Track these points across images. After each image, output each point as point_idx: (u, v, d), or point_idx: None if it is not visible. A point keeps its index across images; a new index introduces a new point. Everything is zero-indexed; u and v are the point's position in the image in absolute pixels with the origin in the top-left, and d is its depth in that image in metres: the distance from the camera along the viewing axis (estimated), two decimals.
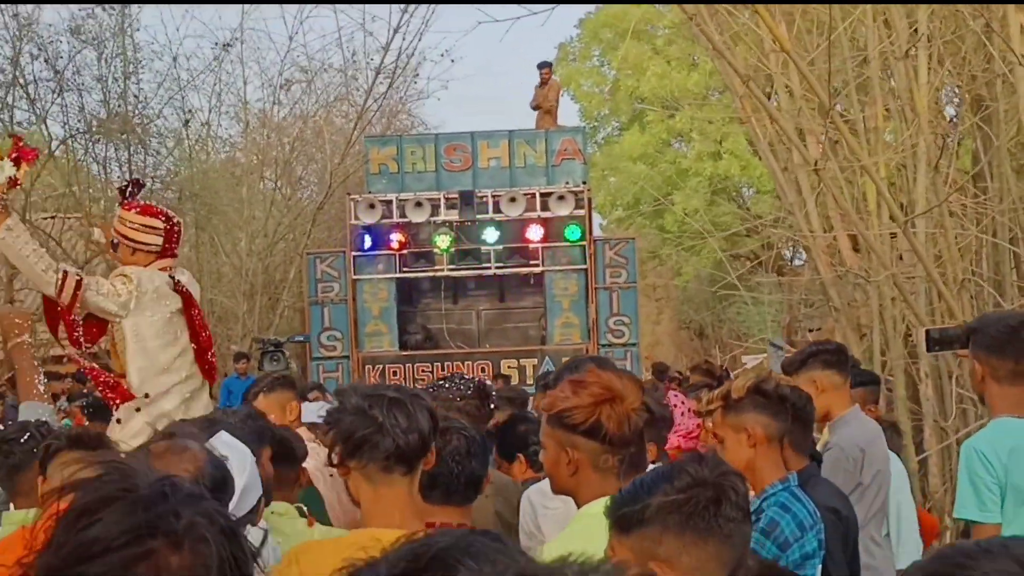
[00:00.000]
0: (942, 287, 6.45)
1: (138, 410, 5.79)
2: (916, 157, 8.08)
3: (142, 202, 6.18)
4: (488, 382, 6.11)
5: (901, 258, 8.71)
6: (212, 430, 3.66)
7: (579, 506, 3.17)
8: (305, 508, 4.33)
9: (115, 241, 6.06)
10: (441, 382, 5.14)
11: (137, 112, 18.94)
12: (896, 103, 8.47)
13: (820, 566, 3.90)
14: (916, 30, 8.08)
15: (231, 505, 2.98)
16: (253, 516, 3.34)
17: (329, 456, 3.03)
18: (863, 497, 5.17)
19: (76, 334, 5.76)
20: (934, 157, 7.80)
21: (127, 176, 19.10)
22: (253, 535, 3.26)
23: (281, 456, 4.20)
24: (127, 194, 6.13)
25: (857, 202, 9.06)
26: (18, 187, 5.69)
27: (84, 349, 5.84)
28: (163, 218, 6.01)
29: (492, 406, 5.14)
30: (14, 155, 5.55)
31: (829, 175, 7.79)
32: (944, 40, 8.31)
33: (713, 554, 2.35)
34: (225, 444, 3.26)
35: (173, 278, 5.94)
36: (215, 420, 3.96)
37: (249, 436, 3.78)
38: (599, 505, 3.05)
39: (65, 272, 5.64)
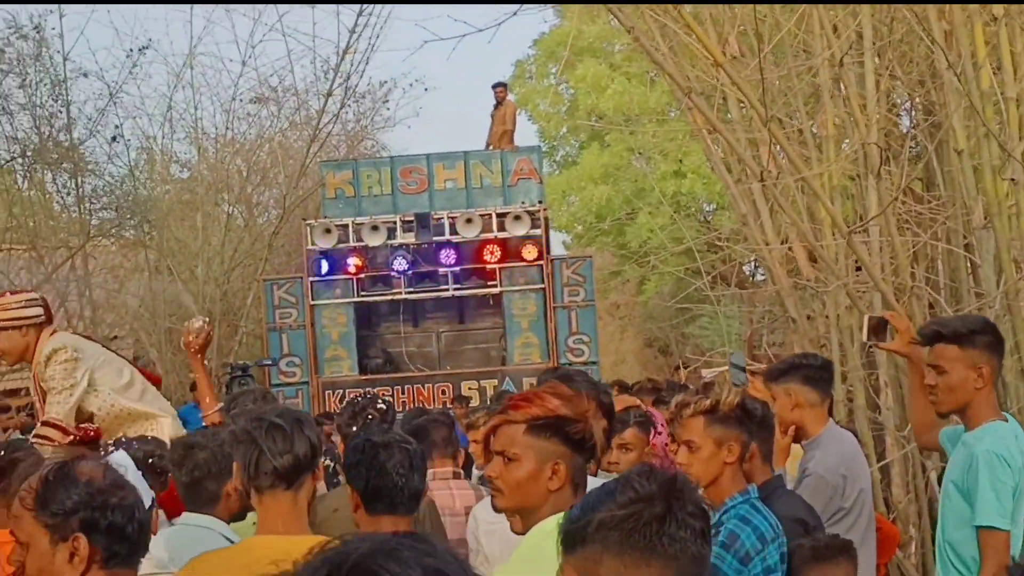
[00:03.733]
0: (889, 296, 6.35)
1: None
2: (868, 165, 7.99)
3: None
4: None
5: (858, 269, 8.62)
6: None
7: (529, 526, 3.03)
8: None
9: None
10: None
11: (68, 138, 18.52)
12: (846, 111, 8.37)
13: None
14: (861, 34, 8.01)
15: None
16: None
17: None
18: (845, 519, 5.05)
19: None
20: (876, 164, 7.71)
21: (73, 202, 18.76)
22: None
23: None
24: None
25: (812, 212, 8.97)
26: None
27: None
28: (33, 292, 6.62)
29: None
30: None
31: (780, 187, 7.70)
32: (891, 41, 8.26)
33: (656, 575, 2.18)
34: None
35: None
36: None
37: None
38: (552, 522, 2.91)
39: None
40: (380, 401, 5.48)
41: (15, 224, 18.01)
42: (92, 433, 6.11)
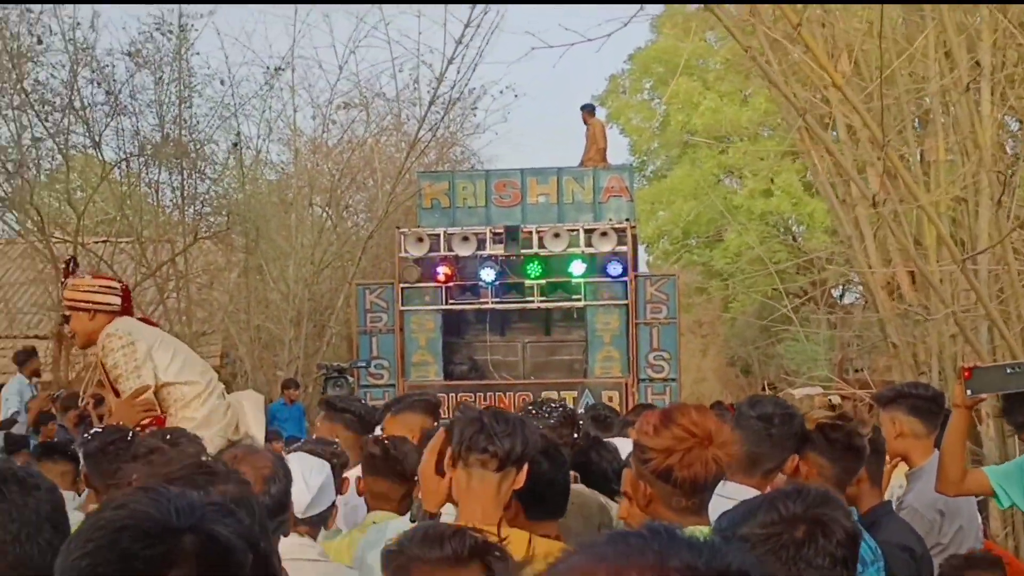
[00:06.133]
0: (1002, 326, 6.30)
1: None
2: (978, 192, 7.96)
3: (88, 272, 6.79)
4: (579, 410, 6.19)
5: (962, 296, 8.55)
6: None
7: None
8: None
9: (67, 314, 6.35)
10: (529, 407, 5.09)
11: (191, 137, 19.10)
12: (956, 137, 8.34)
13: None
14: (978, 62, 7.97)
15: (303, 505, 3.63)
16: (325, 519, 3.87)
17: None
18: (942, 555, 4.96)
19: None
20: (996, 192, 7.66)
21: (179, 200, 19.28)
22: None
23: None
24: (70, 269, 6.42)
25: (915, 237, 8.92)
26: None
27: None
28: (115, 281, 6.42)
29: (576, 435, 5.09)
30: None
31: (888, 210, 7.67)
32: (1006, 73, 8.19)
33: None
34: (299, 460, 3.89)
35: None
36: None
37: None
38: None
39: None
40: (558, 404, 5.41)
41: (123, 217, 18.52)
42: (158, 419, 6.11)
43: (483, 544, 2.60)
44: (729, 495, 3.16)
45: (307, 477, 3.74)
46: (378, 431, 6.29)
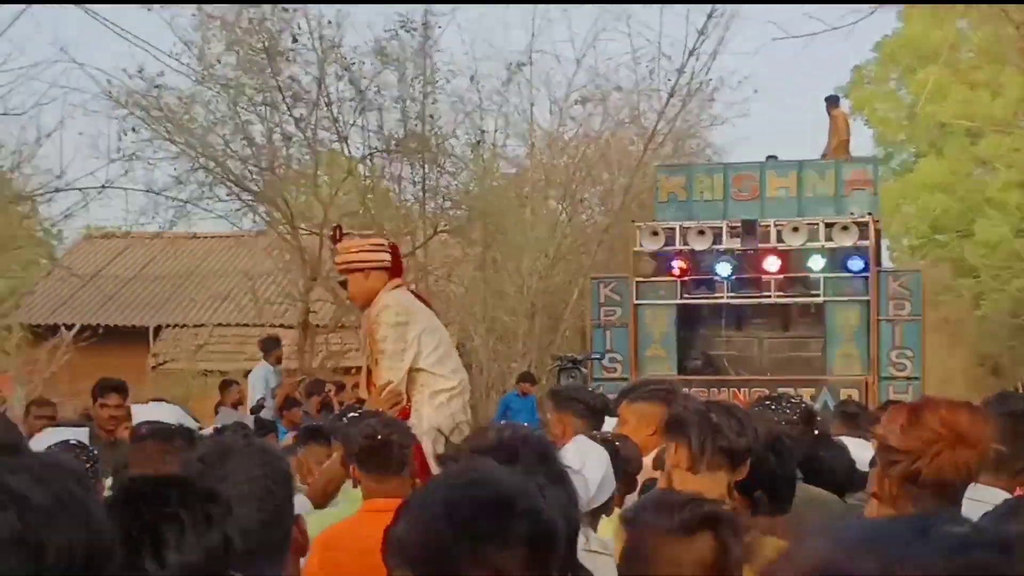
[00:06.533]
0: None
1: None
2: None
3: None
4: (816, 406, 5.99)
5: None
6: None
7: None
8: None
9: (343, 279, 6.44)
10: (767, 402, 4.93)
11: (433, 132, 19.54)
12: None
13: None
14: None
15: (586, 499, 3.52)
16: (608, 508, 3.91)
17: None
18: None
19: None
20: None
21: (419, 194, 19.77)
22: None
23: None
24: (337, 236, 6.63)
25: None
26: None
27: None
28: (383, 239, 6.49)
29: (816, 431, 4.93)
30: None
31: None
32: None
33: None
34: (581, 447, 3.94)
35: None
36: None
37: None
38: None
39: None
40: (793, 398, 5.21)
41: (366, 211, 19.11)
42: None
43: (713, 514, 2.60)
44: (979, 498, 3.00)
45: (588, 470, 3.63)
46: (610, 423, 6.16)
